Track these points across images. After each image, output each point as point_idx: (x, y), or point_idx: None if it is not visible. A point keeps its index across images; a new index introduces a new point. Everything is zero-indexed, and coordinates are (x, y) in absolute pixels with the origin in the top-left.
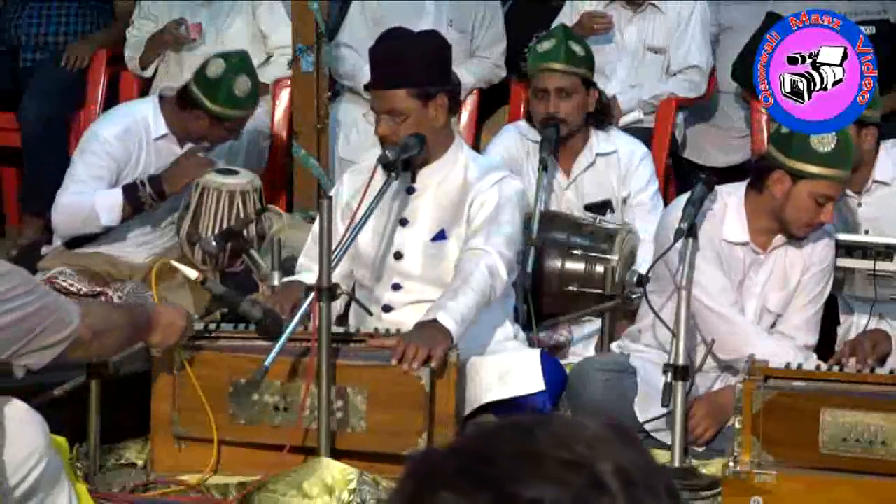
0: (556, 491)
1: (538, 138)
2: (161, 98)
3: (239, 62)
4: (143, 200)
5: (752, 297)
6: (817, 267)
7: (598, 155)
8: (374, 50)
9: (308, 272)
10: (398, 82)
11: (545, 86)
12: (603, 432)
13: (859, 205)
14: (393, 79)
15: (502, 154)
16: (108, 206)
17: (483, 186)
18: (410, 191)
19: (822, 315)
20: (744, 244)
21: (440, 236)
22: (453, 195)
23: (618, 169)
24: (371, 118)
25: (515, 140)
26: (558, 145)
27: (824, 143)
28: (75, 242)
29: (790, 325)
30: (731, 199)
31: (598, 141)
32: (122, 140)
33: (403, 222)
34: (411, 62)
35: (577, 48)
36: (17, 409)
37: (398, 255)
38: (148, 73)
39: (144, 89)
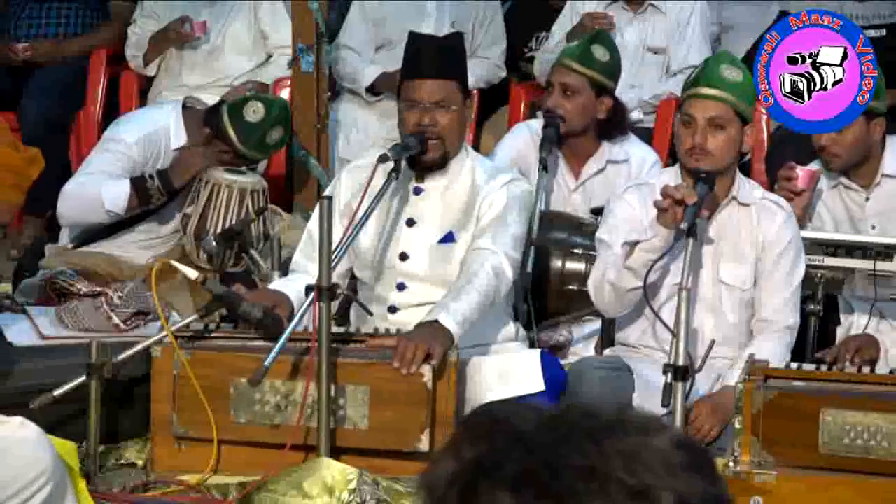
0: None
1: None
2: (185, 108)
3: (278, 114)
4: (150, 193)
5: (705, 268)
6: (780, 245)
7: (609, 162)
8: (421, 42)
9: (303, 273)
10: (453, 73)
11: (552, 79)
12: (671, 454)
13: (867, 199)
14: (448, 69)
15: (512, 152)
16: (115, 194)
17: (492, 187)
18: (417, 191)
19: (800, 294)
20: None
21: (448, 238)
22: (462, 198)
23: (628, 176)
24: (371, 118)
25: (526, 139)
26: (561, 145)
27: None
28: (82, 241)
29: (770, 310)
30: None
31: (612, 148)
32: (141, 146)
33: (410, 223)
34: (459, 57)
35: (598, 52)
36: (29, 431)
37: (403, 256)
38: (151, 70)
39: (145, 89)
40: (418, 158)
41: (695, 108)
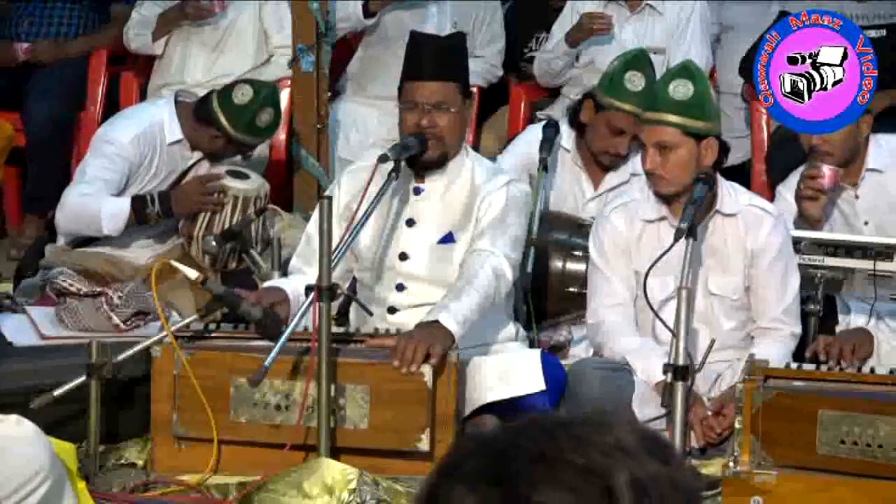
0: (565, 497)
1: (567, 145)
2: (177, 102)
3: (266, 95)
4: (149, 215)
5: (695, 282)
6: (770, 253)
7: (632, 175)
8: (423, 42)
9: (299, 274)
10: (453, 75)
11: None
12: (627, 440)
13: (856, 197)
14: (448, 70)
15: (523, 149)
16: (113, 214)
17: (491, 188)
18: (418, 191)
19: (800, 301)
20: (661, 219)
21: (448, 239)
22: (462, 198)
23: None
24: (371, 118)
25: (540, 139)
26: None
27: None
28: (80, 242)
29: (771, 318)
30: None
31: (635, 160)
32: (135, 144)
33: (410, 223)
34: (460, 58)
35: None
36: (26, 429)
37: (403, 256)
38: (157, 49)
39: (144, 88)
40: (418, 158)
41: (644, 134)
